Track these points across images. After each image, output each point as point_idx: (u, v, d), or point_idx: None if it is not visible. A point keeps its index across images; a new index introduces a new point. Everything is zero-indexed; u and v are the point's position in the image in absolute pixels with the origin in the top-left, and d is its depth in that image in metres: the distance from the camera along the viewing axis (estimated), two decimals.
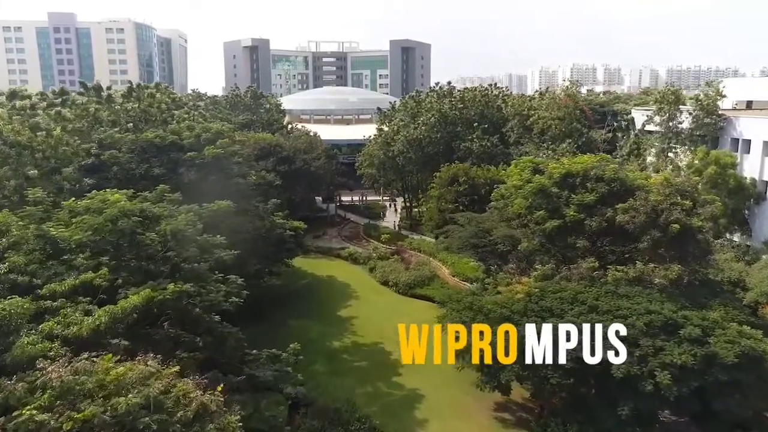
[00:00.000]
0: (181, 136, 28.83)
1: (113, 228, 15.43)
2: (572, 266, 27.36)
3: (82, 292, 13.54)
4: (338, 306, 40.96)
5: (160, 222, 16.80)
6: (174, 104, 37.43)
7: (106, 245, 15.58)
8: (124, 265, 15.58)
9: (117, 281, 15.11)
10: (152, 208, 17.48)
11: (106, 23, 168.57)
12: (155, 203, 19.28)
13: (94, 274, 13.63)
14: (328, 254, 55.54)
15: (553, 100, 56.54)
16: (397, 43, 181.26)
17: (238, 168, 29.58)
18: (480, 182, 54.31)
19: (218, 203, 21.76)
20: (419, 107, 65.64)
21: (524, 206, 29.59)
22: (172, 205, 19.67)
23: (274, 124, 75.29)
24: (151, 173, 27.11)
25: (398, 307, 40.96)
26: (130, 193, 19.12)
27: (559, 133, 54.67)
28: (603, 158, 31.20)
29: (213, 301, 15.87)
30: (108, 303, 13.32)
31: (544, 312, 24.39)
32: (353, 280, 46.89)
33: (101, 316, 11.88)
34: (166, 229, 16.25)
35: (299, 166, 58.38)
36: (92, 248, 15.23)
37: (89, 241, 15.16)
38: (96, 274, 13.63)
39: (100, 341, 11.94)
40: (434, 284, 44.86)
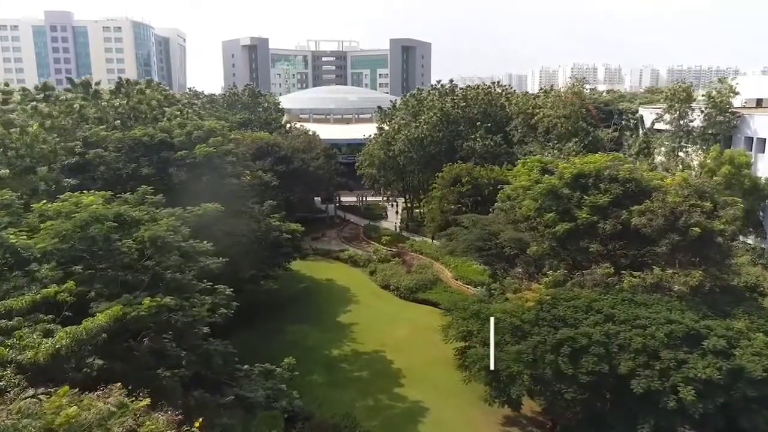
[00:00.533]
0: (171, 134, 27.29)
1: (83, 235, 13.88)
2: (585, 272, 25.83)
3: (45, 308, 12.00)
4: (337, 311, 39.42)
5: (140, 227, 15.25)
6: (167, 101, 35.89)
7: (76, 254, 14.04)
8: (99, 275, 14.06)
9: (89, 294, 13.60)
10: (131, 212, 15.94)
11: (103, 22, 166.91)
12: (136, 206, 17.73)
13: (57, 288, 12.07)
14: (327, 256, 54.02)
15: (559, 98, 54.98)
16: (398, 42, 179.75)
17: (231, 168, 28.06)
18: (483, 183, 52.81)
19: (204, 206, 20.18)
20: (420, 106, 64.11)
21: (533, 208, 28.06)
22: (155, 208, 18.07)
23: (272, 123, 73.75)
24: (139, 173, 25.57)
25: (400, 312, 39.44)
26: (108, 195, 17.60)
27: (565, 131, 53.09)
28: (616, 157, 29.68)
29: (196, 316, 14.32)
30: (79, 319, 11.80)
31: (556, 321, 22.89)
32: (353, 284, 45.37)
33: (62, 339, 10.33)
34: (145, 235, 14.71)
35: (297, 165, 56.87)
36: (59, 258, 13.69)
37: (55, 249, 13.63)
38: (59, 288, 12.07)
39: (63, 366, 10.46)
40: (437, 288, 43.36)
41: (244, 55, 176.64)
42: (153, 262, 14.77)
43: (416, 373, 30.09)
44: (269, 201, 33.78)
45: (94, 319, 11.06)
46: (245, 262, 28.77)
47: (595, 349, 21.33)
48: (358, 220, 68.51)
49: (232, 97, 76.46)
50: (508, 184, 51.95)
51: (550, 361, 21.54)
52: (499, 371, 22.38)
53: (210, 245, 18.05)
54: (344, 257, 52.46)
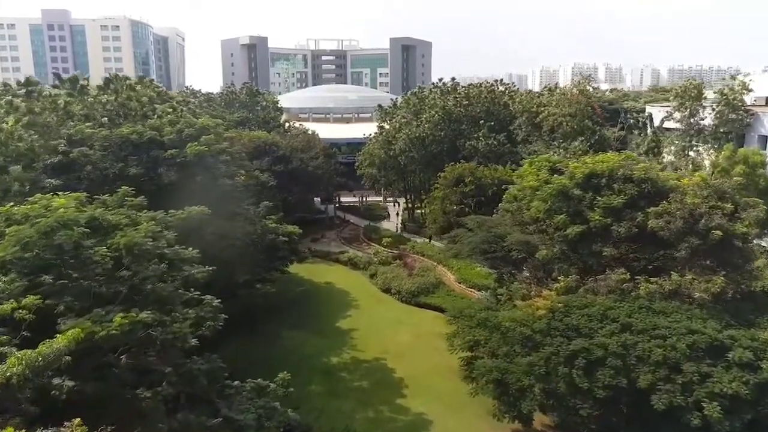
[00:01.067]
0: (161, 132, 25.90)
1: (48, 242, 12.45)
2: (598, 277, 24.42)
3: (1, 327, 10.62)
4: (337, 316, 38.01)
5: (117, 233, 13.84)
6: (159, 98, 34.51)
7: (44, 263, 12.63)
8: (72, 286, 12.65)
9: (58, 308, 12.20)
10: (108, 216, 14.52)
11: (101, 21, 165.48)
12: (115, 209, 16.32)
13: (14, 304, 10.66)
14: (327, 259, 52.59)
15: (564, 96, 53.57)
16: (398, 41, 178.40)
17: (225, 167, 26.65)
18: (487, 183, 51.39)
19: (189, 209, 18.75)
20: (422, 104, 62.68)
21: (543, 210, 26.64)
22: (136, 211, 16.62)
23: (270, 122, 72.37)
24: (126, 173, 24.18)
25: (402, 317, 38.03)
26: (83, 197, 16.17)
27: (571, 130, 51.63)
28: (628, 156, 28.28)
29: (177, 332, 12.90)
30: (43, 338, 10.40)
31: (570, 331, 21.51)
32: (353, 287, 43.95)
33: (13, 366, 8.92)
34: (120, 242, 13.28)
35: (296, 165, 55.45)
36: (23, 268, 12.28)
37: (16, 259, 12.21)
38: (16, 304, 10.66)
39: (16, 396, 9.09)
40: (440, 292, 41.97)
41: (243, 55, 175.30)
42: (129, 273, 13.37)
43: (419, 382, 28.70)
44: (265, 202, 32.33)
45: (52, 342, 9.68)
46: (240, 267, 27.39)
47: (612, 362, 19.97)
48: (358, 221, 67.12)
49: (230, 96, 75.05)
50: (513, 185, 50.85)
51: (564, 374, 20.17)
52: (509, 384, 21.00)
53: (196, 252, 16.62)
54: (344, 259, 51.06)
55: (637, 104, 73.44)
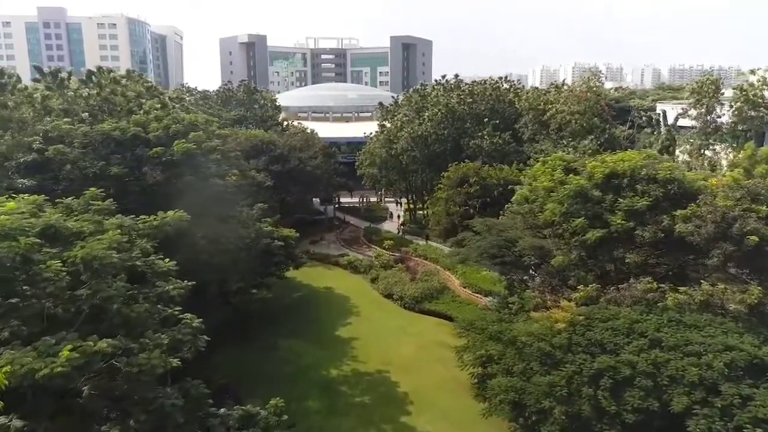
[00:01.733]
0: (146, 128, 23.96)
1: None
2: (621, 286, 22.44)
3: None
4: (336, 324, 36.03)
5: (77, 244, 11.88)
6: (149, 94, 32.56)
7: None
8: (22, 307, 10.67)
9: (1, 334, 10.26)
10: (66, 224, 12.55)
11: (97, 18, 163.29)
12: (81, 214, 14.35)
13: None
14: (326, 262, 50.64)
15: (572, 93, 51.64)
16: (398, 39, 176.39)
17: (216, 167, 24.71)
18: (492, 183, 49.44)
19: (164, 215, 16.73)
20: (424, 102, 60.69)
21: (559, 212, 24.68)
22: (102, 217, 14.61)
23: (268, 120, 70.40)
24: (108, 172, 22.22)
25: (405, 325, 36.06)
26: (41, 199, 14.19)
27: (580, 128, 49.70)
28: (649, 155, 26.31)
29: (143, 364, 10.91)
30: None
31: (593, 347, 19.55)
32: (353, 293, 41.98)
33: None
34: (77, 255, 11.31)
35: (294, 165, 53.50)
36: None
37: None
38: None
39: None
40: (444, 297, 40.02)
41: (242, 53, 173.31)
42: (89, 291, 11.40)
43: (425, 398, 26.73)
44: (260, 204, 30.33)
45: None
46: (232, 273, 25.43)
47: (642, 382, 18.01)
48: (358, 222, 65.21)
49: (227, 94, 73.04)
50: (519, 185, 49.01)
51: (588, 395, 18.20)
52: (527, 406, 19.03)
53: (173, 264, 14.64)
54: (344, 263, 49.09)
55: (644, 102, 71.48)
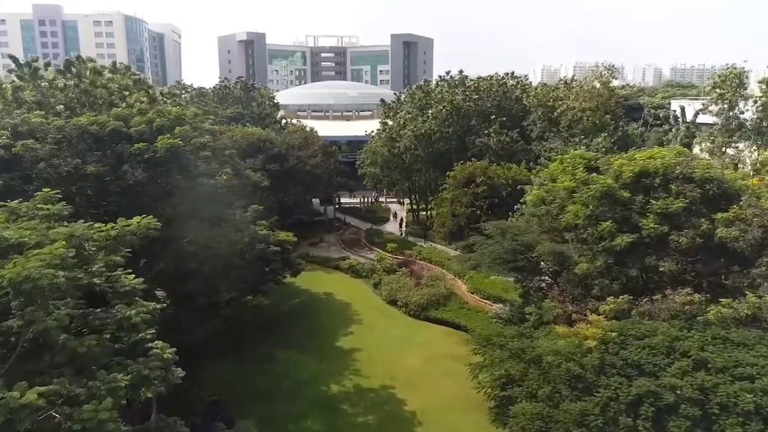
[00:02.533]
0: (128, 122, 21.72)
1: None
2: (654, 298, 20.17)
3: None
4: (337, 333, 33.73)
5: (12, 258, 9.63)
6: (136, 87, 30.28)
7: None
8: None
9: None
10: (3, 233, 10.27)
11: (94, 16, 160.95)
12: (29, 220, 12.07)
13: None
14: (326, 265, 48.31)
15: (581, 88, 49.43)
16: (399, 37, 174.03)
17: (206, 165, 22.44)
18: (500, 183, 47.28)
19: (124, 223, 14.34)
20: (428, 98, 58.48)
21: (583, 215, 22.38)
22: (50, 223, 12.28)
23: (266, 118, 68.06)
24: (83, 171, 19.95)
25: (410, 334, 33.75)
26: None
27: (592, 125, 47.52)
28: (680, 152, 24.03)
29: (88, 421, 8.52)
30: None
31: (629, 368, 17.28)
32: (355, 299, 39.66)
33: None
34: (4, 276, 9.00)
35: (293, 164, 51.21)
36: None
37: None
38: None
39: None
40: (451, 304, 37.71)
41: (241, 51, 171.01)
42: (20, 322, 9.09)
43: (434, 418, 24.46)
44: (254, 205, 28.00)
45: None
46: (223, 283, 23.12)
47: (688, 410, 15.75)
48: (359, 224, 62.90)
49: (224, 91, 70.74)
50: (527, 185, 46.79)
51: (627, 425, 15.92)
52: None
53: (139, 282, 12.32)
54: (344, 266, 46.76)
55: (653, 100, 69.38)
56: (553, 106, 51.45)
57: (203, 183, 22.19)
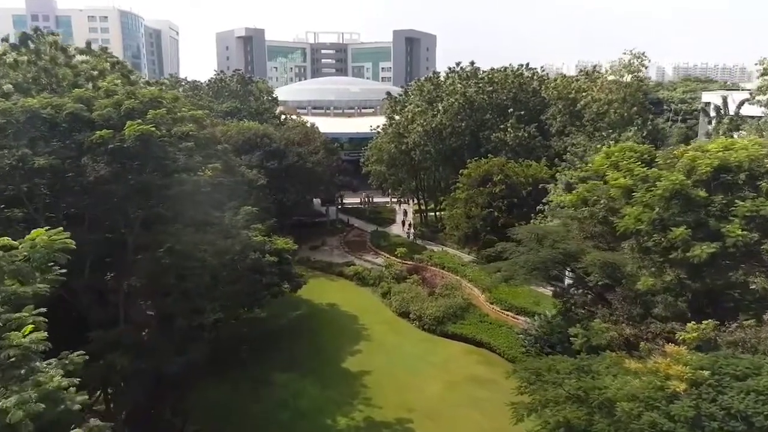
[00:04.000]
0: (91, 105, 17.75)
1: None
2: (746, 322, 16.12)
3: None
4: (343, 352, 29.72)
5: None
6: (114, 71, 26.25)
7: None
8: None
9: None
10: None
11: (88, 11, 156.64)
12: None
13: None
14: (329, 271, 44.36)
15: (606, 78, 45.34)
16: (401, 33, 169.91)
17: (186, 158, 18.42)
18: (520, 181, 43.25)
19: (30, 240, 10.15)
20: (438, 91, 54.40)
21: (648, 219, 18.34)
22: None
23: (264, 113, 64.04)
24: (30, 164, 15.96)
25: (426, 353, 29.77)
26: None
27: (619, 119, 43.45)
28: (762, 144, 19.98)
29: None
30: None
31: (733, 420, 13.22)
32: (362, 310, 35.68)
33: None
34: None
35: (292, 161, 47.20)
36: None
37: None
38: None
39: None
40: (470, 317, 33.74)
41: (239, 48, 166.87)
42: None
43: None
44: (247, 207, 23.88)
45: None
46: (207, 301, 19.07)
47: None
48: (363, 225, 58.87)
49: (219, 84, 66.68)
50: (548, 183, 42.85)
51: None
52: None
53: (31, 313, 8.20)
54: (349, 273, 42.76)
55: (674, 94, 65.40)
56: (574, 99, 47.41)
57: (183, 180, 18.15)
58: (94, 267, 18.56)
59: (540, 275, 23.03)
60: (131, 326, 18.82)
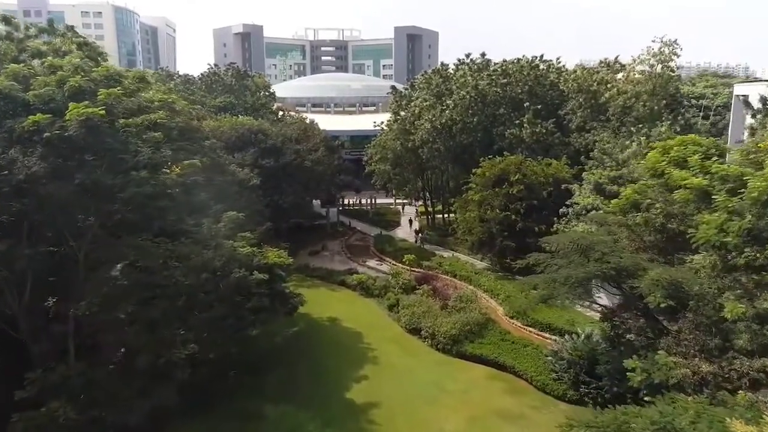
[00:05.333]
0: (28, 83, 13.94)
1: None
2: None
3: None
4: (346, 378, 25.79)
5: None
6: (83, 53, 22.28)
7: None
8: None
9: None
10: None
11: (81, 6, 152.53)
12: None
13: None
14: (330, 280, 40.48)
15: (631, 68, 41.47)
16: (403, 30, 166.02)
17: (152, 152, 14.51)
18: (540, 181, 39.32)
19: None
20: (447, 84, 50.48)
21: (737, 230, 14.43)
22: None
23: (261, 109, 60.19)
24: None
25: (443, 378, 25.85)
26: None
27: (649, 112, 39.60)
28: None
29: None
30: None
31: None
32: (367, 326, 31.79)
33: None
34: None
35: (290, 159, 43.35)
36: None
37: None
38: None
39: None
40: (490, 334, 29.82)
41: (237, 44, 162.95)
42: None
43: None
44: (231, 212, 19.90)
45: None
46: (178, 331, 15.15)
47: None
48: (366, 229, 55.06)
49: (212, 78, 62.74)
50: (569, 183, 38.97)
51: None
52: None
53: None
54: (352, 282, 38.86)
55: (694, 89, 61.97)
56: (596, 92, 43.53)
57: (140, 180, 14.21)
58: (37, 288, 14.66)
59: (583, 293, 19.13)
60: (83, 363, 14.87)
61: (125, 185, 13.63)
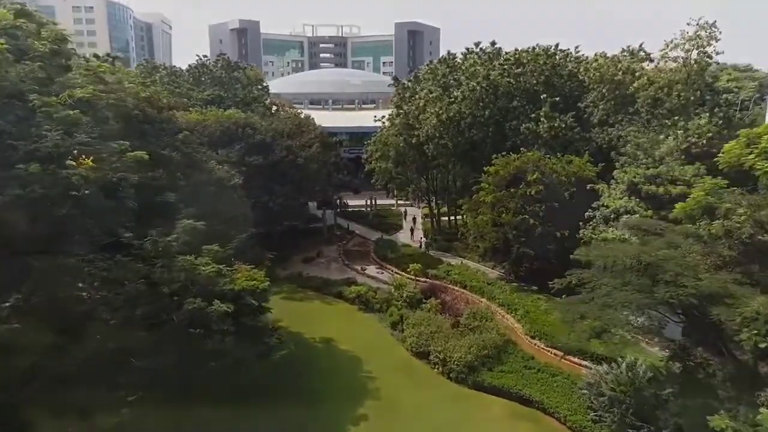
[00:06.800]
0: None
1: None
2: None
3: None
4: (343, 419, 21.42)
5: None
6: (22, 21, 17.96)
7: None
8: None
9: None
10: None
11: (73, 0, 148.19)
12: None
13: None
14: (325, 291, 36.16)
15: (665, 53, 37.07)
16: (403, 26, 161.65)
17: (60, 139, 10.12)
18: (560, 180, 34.93)
19: None
20: (454, 74, 46.08)
21: None
22: None
23: (252, 103, 55.63)
24: None
25: (459, 418, 21.48)
26: None
27: (684, 103, 35.27)
28: None
29: None
30: None
31: None
32: (368, 349, 27.41)
33: None
34: None
35: (281, 156, 39.02)
36: None
37: None
38: None
39: None
40: (511, 361, 25.50)
41: (233, 40, 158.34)
42: None
43: None
44: (188, 222, 15.12)
45: None
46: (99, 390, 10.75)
47: None
48: (366, 232, 50.69)
49: (200, 70, 58.24)
50: (594, 182, 34.71)
51: None
52: None
53: None
54: (350, 295, 34.51)
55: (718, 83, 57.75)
56: (621, 81, 39.14)
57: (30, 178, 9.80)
58: None
59: (652, 326, 14.75)
60: None
61: (4, 185, 9.34)
